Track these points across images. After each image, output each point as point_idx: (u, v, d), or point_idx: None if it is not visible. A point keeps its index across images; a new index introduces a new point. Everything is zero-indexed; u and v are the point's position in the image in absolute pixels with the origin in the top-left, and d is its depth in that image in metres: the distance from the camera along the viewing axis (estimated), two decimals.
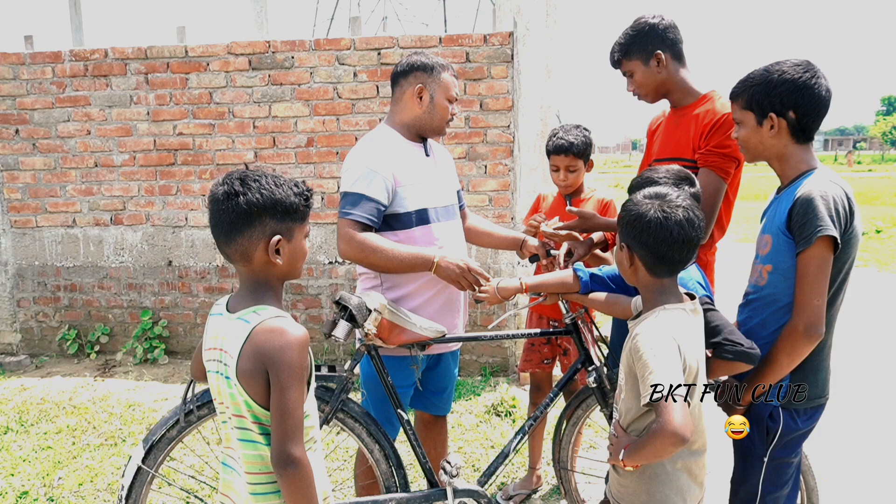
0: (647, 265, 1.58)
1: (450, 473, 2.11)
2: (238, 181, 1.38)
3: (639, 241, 1.56)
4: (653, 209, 1.54)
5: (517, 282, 2.20)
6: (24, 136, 4.81)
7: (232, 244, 1.40)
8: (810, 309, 1.61)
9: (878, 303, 6.44)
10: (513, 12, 4.26)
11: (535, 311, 2.86)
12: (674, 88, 2.33)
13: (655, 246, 1.54)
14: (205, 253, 4.79)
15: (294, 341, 1.33)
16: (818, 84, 1.66)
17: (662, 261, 1.56)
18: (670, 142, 2.34)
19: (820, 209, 1.58)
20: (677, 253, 1.55)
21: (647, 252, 1.56)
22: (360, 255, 2.12)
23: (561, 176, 2.72)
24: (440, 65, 2.24)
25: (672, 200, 1.56)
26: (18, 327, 5.06)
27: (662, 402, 1.41)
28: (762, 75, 1.71)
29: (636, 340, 1.52)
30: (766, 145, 1.74)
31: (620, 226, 1.62)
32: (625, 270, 1.65)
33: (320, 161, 4.58)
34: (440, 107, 2.24)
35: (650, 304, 1.61)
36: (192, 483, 2.98)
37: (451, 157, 2.53)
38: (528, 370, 2.93)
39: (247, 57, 4.53)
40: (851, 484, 2.98)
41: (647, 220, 1.53)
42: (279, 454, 1.31)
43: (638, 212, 1.56)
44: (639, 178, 1.96)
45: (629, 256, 1.60)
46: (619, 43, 2.32)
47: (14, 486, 3.01)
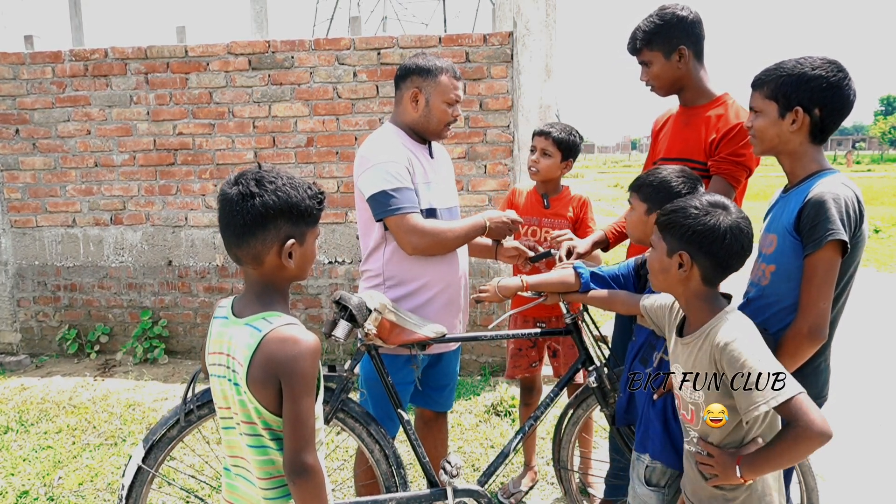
0: (706, 275, 1.52)
1: (450, 473, 2.11)
2: (254, 182, 1.34)
3: (707, 250, 1.49)
4: (726, 219, 1.49)
5: (518, 280, 2.20)
6: (24, 135, 4.81)
7: (244, 246, 1.36)
8: (816, 312, 1.60)
9: (878, 303, 6.44)
10: (512, 12, 4.26)
11: (521, 315, 2.83)
12: (689, 86, 2.27)
13: (725, 256, 1.49)
14: (205, 253, 4.80)
15: (307, 350, 1.31)
16: (848, 86, 1.64)
17: (725, 271, 1.52)
18: (678, 141, 2.30)
19: (832, 212, 1.56)
20: (738, 263, 1.52)
21: (712, 262, 1.50)
22: (434, 241, 2.12)
23: (534, 157, 2.74)
24: (439, 68, 2.20)
25: (735, 211, 1.52)
26: (18, 327, 5.06)
27: (796, 403, 1.36)
28: (794, 67, 1.65)
29: (731, 350, 1.43)
30: (782, 139, 1.70)
31: (677, 233, 1.53)
32: (670, 278, 1.56)
33: (320, 161, 4.58)
34: (436, 110, 2.21)
35: (703, 313, 1.54)
36: (192, 482, 2.98)
37: (451, 163, 2.53)
38: (518, 376, 2.92)
39: (247, 57, 4.53)
40: (851, 484, 2.98)
41: (721, 231, 1.48)
42: (292, 462, 1.30)
43: (709, 223, 1.49)
44: (650, 177, 1.93)
45: (688, 265, 1.51)
46: (644, 30, 2.22)
47: (14, 486, 3.01)
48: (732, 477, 1.47)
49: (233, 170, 4.61)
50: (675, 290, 1.60)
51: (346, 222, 4.63)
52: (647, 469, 1.87)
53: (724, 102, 2.23)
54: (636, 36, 2.25)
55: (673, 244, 1.54)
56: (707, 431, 1.55)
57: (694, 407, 1.57)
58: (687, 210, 1.53)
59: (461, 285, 2.33)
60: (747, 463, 1.45)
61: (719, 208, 1.51)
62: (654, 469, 1.86)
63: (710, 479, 1.54)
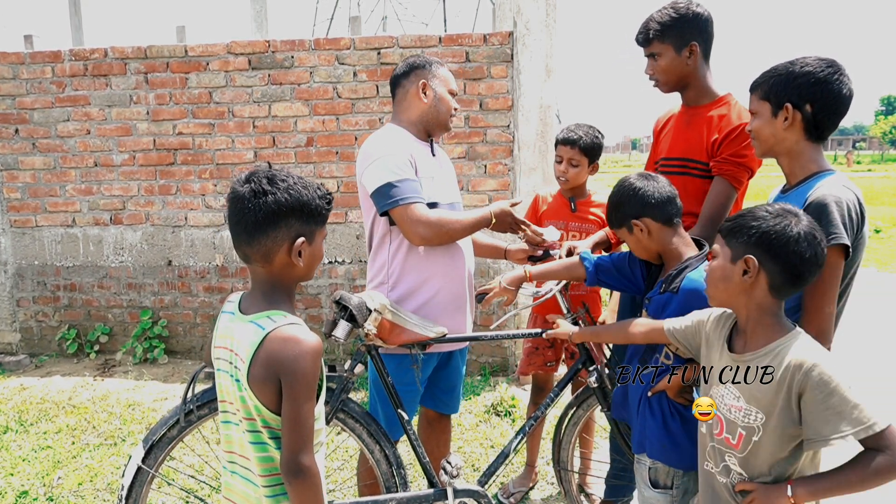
0: (773, 284, 1.42)
1: (450, 473, 2.11)
2: (266, 180, 1.35)
3: (776, 255, 1.39)
4: (798, 224, 1.40)
5: (521, 271, 2.21)
6: (23, 135, 4.81)
7: (254, 244, 1.37)
8: (822, 316, 1.58)
9: (878, 303, 6.44)
10: (513, 12, 4.26)
11: (539, 313, 2.85)
12: (693, 84, 2.25)
13: (797, 262, 1.39)
14: (204, 252, 4.79)
15: (308, 351, 1.32)
16: (840, 81, 1.62)
17: (794, 281, 1.42)
18: (681, 141, 2.29)
19: (834, 216, 1.54)
20: (812, 275, 1.43)
21: (783, 270, 1.40)
22: (440, 230, 2.11)
23: (562, 167, 2.73)
24: (435, 61, 2.30)
25: (807, 219, 1.43)
26: (18, 327, 5.05)
27: (889, 433, 1.33)
28: (785, 66, 1.67)
29: (820, 374, 1.35)
30: (777, 138, 1.69)
31: (744, 236, 1.43)
32: (732, 287, 1.46)
33: (320, 161, 4.58)
34: (444, 99, 2.27)
35: (770, 329, 1.45)
36: (192, 483, 2.98)
37: (451, 163, 2.53)
38: (531, 372, 2.92)
39: (246, 56, 4.52)
40: None
41: (794, 234, 1.38)
42: (289, 463, 1.31)
43: (781, 225, 1.39)
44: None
45: (755, 271, 1.42)
46: (658, 21, 2.18)
47: (13, 486, 3.00)
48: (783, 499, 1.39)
49: (233, 170, 4.63)
50: (737, 302, 1.49)
51: (345, 222, 4.62)
52: (651, 470, 1.86)
53: (727, 103, 2.22)
54: (649, 27, 2.21)
55: (738, 249, 1.44)
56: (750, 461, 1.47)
57: (746, 431, 1.46)
58: (755, 213, 1.45)
59: (466, 283, 2.33)
60: (804, 485, 1.39)
61: (791, 214, 1.43)
62: (656, 469, 1.85)
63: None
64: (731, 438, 1.50)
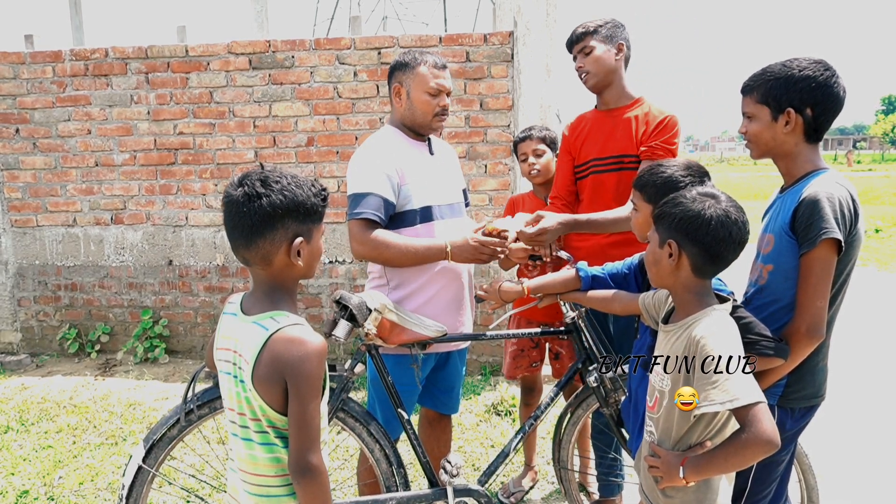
0: (695, 265, 1.51)
1: (450, 473, 2.11)
2: (259, 182, 1.34)
3: (693, 238, 1.48)
4: (712, 207, 1.48)
5: (519, 287, 2.20)
6: (24, 135, 4.82)
7: (252, 247, 1.36)
8: (813, 310, 1.61)
9: (878, 302, 6.44)
10: (513, 12, 4.26)
11: (524, 317, 2.84)
12: (615, 84, 2.43)
13: (713, 244, 1.47)
14: (205, 252, 4.80)
15: (313, 352, 1.32)
16: (837, 83, 1.65)
17: (714, 261, 1.50)
18: (612, 141, 2.43)
19: (826, 211, 1.57)
20: (732, 253, 1.50)
21: (700, 251, 1.49)
22: (374, 252, 2.12)
23: (530, 161, 2.79)
24: (417, 60, 2.21)
25: (726, 200, 1.51)
26: (19, 326, 5.06)
27: (751, 408, 1.36)
28: (781, 70, 1.68)
29: (703, 345, 1.43)
30: (778, 141, 1.71)
31: (667, 222, 1.53)
32: (662, 269, 1.56)
33: (320, 160, 4.58)
34: (417, 101, 2.21)
35: (691, 305, 1.54)
36: (192, 482, 2.99)
37: (455, 156, 2.53)
38: (518, 375, 2.94)
39: (247, 56, 4.53)
40: (851, 483, 2.98)
41: (706, 217, 1.47)
42: (297, 462, 1.31)
43: (695, 209, 1.48)
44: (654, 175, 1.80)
45: (676, 254, 1.51)
46: (591, 22, 2.43)
47: (14, 486, 3.01)
48: (676, 478, 1.47)
49: (233, 169, 4.63)
50: (668, 282, 1.58)
51: (345, 222, 4.61)
52: None
53: (645, 102, 2.43)
54: (584, 25, 2.43)
55: (663, 234, 1.55)
56: (661, 426, 1.55)
57: (659, 394, 1.57)
58: (677, 199, 1.54)
59: (466, 283, 2.33)
60: (692, 465, 1.45)
61: (708, 197, 1.51)
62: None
63: (659, 482, 1.53)
64: (649, 401, 1.62)
